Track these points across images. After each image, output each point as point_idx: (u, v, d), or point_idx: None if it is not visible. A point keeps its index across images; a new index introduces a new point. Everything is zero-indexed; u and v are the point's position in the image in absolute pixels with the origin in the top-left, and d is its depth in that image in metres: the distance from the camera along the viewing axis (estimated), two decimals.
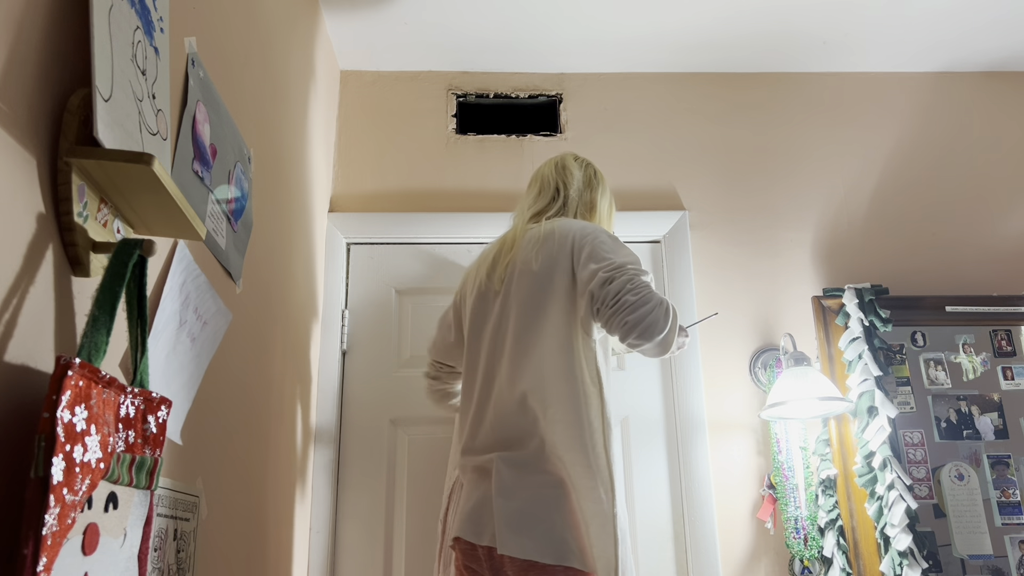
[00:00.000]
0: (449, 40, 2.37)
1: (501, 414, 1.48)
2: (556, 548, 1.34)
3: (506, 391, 1.49)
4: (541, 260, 1.56)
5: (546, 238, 1.58)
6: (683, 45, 2.42)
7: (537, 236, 1.61)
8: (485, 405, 1.52)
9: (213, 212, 1.28)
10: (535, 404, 1.44)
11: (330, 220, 2.31)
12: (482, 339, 1.60)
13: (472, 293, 1.67)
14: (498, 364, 1.54)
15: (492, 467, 1.44)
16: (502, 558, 1.38)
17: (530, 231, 1.64)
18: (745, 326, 2.28)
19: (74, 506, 0.70)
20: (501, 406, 1.49)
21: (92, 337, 0.79)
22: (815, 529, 2.04)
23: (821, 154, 2.48)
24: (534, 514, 1.37)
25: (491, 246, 1.72)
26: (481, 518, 1.43)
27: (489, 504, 1.42)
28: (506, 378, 1.50)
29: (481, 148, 2.45)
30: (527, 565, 1.34)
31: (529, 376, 1.47)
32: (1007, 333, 2.24)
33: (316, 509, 2.07)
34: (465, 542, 1.44)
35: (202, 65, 1.25)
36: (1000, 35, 2.40)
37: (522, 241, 1.62)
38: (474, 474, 1.50)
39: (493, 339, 1.57)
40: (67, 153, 0.83)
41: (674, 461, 2.17)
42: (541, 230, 1.61)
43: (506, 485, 1.40)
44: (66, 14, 0.86)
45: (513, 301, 1.56)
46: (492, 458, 1.45)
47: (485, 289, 1.64)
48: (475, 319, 1.64)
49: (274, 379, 1.71)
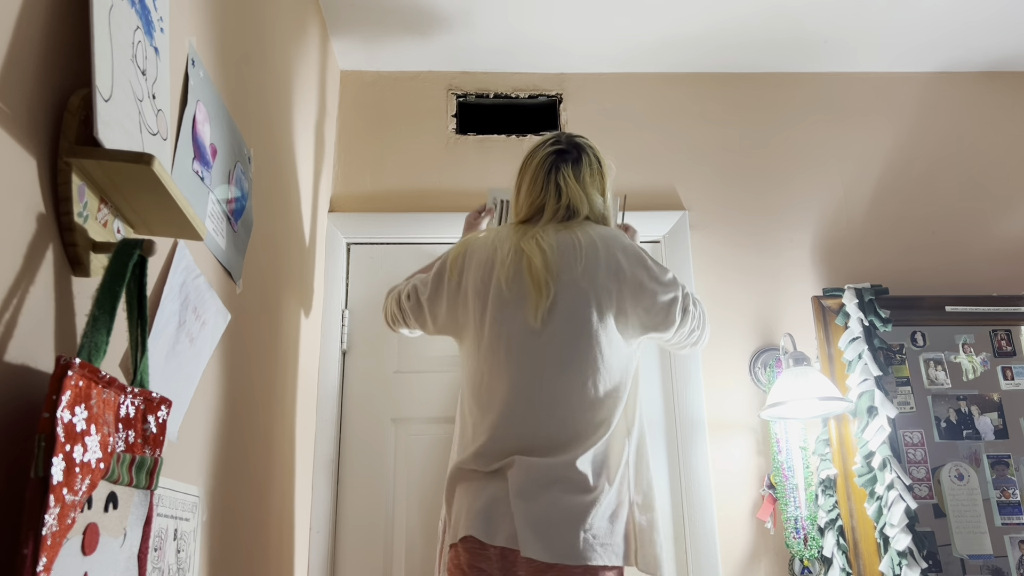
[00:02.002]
0: (449, 40, 2.37)
1: (535, 418, 1.48)
2: (582, 551, 1.37)
3: (543, 397, 1.48)
4: (587, 274, 1.53)
5: (589, 249, 1.55)
6: (683, 45, 2.42)
7: (575, 244, 1.55)
8: (514, 409, 1.49)
9: (213, 212, 1.28)
10: (580, 411, 1.48)
11: (330, 220, 2.31)
12: (511, 346, 1.52)
13: (491, 292, 1.56)
14: (537, 375, 1.50)
15: (511, 469, 1.44)
16: (516, 559, 1.38)
17: (560, 235, 1.57)
18: (745, 326, 2.28)
19: (74, 506, 0.70)
20: (535, 410, 1.48)
21: (92, 337, 0.79)
22: (815, 529, 2.04)
23: (821, 154, 2.48)
24: (557, 518, 1.39)
25: (507, 238, 1.61)
26: (492, 518, 1.43)
27: (502, 504, 1.42)
28: (545, 389, 1.49)
29: (481, 148, 2.45)
30: (545, 567, 1.36)
31: (577, 392, 1.49)
32: (1007, 333, 2.24)
33: (316, 509, 2.07)
34: (475, 541, 1.43)
35: (202, 65, 1.25)
36: (1000, 35, 2.40)
37: (555, 248, 1.55)
38: (486, 476, 1.48)
39: (531, 348, 1.51)
40: (67, 153, 0.83)
41: (674, 461, 2.17)
42: (578, 237, 1.56)
43: (526, 488, 1.42)
44: (66, 14, 0.86)
45: (558, 314, 1.52)
46: (513, 460, 1.45)
47: (517, 295, 1.54)
48: (499, 321, 1.54)
49: (274, 379, 1.71)
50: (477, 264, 1.61)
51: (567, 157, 1.64)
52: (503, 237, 1.61)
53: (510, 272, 1.54)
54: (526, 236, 1.57)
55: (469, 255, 1.64)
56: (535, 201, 1.63)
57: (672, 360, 2.24)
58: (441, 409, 2.18)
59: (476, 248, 1.64)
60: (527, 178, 1.66)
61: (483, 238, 1.66)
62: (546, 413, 1.48)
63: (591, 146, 1.67)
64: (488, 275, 1.58)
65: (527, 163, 1.68)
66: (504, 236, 1.61)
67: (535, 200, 1.63)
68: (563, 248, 1.55)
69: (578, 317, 1.51)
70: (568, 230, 1.58)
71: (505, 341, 1.52)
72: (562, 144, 1.66)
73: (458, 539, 1.47)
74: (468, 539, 1.44)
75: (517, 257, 1.55)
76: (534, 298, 1.51)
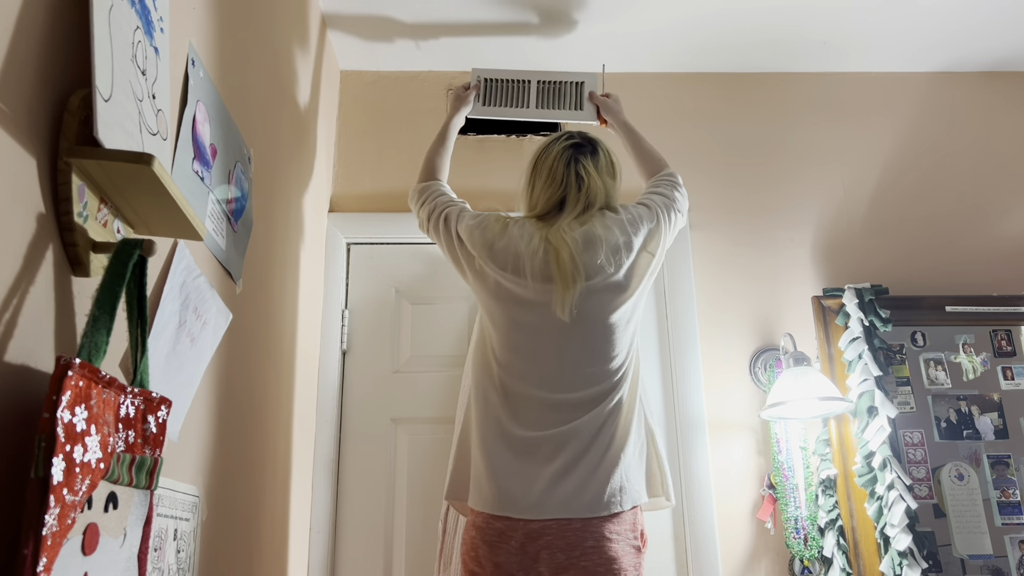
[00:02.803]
0: (449, 40, 2.37)
1: (559, 399, 1.55)
2: (607, 501, 1.48)
3: (568, 374, 1.56)
4: (608, 263, 1.59)
5: (608, 239, 1.61)
6: (683, 45, 2.42)
7: (595, 237, 1.59)
8: (539, 387, 1.56)
9: (213, 212, 1.28)
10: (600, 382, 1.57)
11: (330, 220, 2.31)
12: (540, 338, 1.58)
13: (516, 282, 1.58)
14: (561, 364, 1.57)
15: (546, 450, 1.51)
16: (543, 528, 1.45)
17: (583, 228, 1.60)
18: (745, 326, 2.28)
19: (74, 506, 0.70)
20: (561, 384, 1.56)
21: (92, 337, 0.79)
22: (815, 529, 2.04)
23: (821, 154, 2.48)
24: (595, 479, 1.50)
25: (534, 231, 1.61)
26: (529, 494, 1.48)
27: (541, 480, 1.48)
28: (569, 371, 1.57)
29: (481, 148, 2.45)
30: (569, 523, 1.46)
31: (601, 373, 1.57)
32: (1007, 333, 2.24)
33: (316, 509, 2.07)
34: (503, 519, 1.48)
35: (202, 65, 1.25)
36: (1000, 35, 2.40)
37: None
38: (513, 455, 1.53)
39: (558, 339, 1.57)
40: (67, 153, 0.83)
41: (674, 461, 2.17)
42: (597, 231, 1.61)
43: (567, 463, 1.50)
44: (66, 14, 0.86)
45: (583, 306, 1.57)
46: (546, 438, 1.52)
47: (544, 286, 1.57)
48: (522, 310, 1.59)
49: (274, 379, 1.71)
50: (501, 253, 1.60)
51: (584, 150, 1.67)
52: (528, 232, 1.60)
53: (536, 271, 1.55)
54: (552, 229, 1.59)
55: (488, 243, 1.62)
56: (554, 195, 1.65)
57: (672, 360, 2.24)
58: (441, 409, 2.18)
59: (494, 234, 1.63)
60: (544, 172, 1.67)
61: (499, 227, 1.64)
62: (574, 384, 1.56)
63: (603, 142, 1.72)
64: (516, 265, 1.57)
65: (542, 158, 1.70)
66: (528, 231, 1.61)
67: (554, 194, 1.65)
68: (587, 241, 1.57)
69: (601, 307, 1.57)
70: (588, 223, 1.60)
71: (531, 333, 1.58)
72: (577, 139, 1.70)
73: (487, 516, 1.54)
74: (495, 516, 1.53)
75: (545, 250, 1.56)
76: (560, 291, 1.53)
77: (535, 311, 1.56)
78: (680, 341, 2.25)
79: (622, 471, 1.51)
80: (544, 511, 1.46)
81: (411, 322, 2.29)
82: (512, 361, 1.58)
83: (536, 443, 1.52)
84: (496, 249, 1.59)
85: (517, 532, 1.46)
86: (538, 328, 1.56)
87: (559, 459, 1.49)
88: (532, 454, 1.51)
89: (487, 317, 1.65)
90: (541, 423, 1.53)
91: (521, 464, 1.51)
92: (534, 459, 1.51)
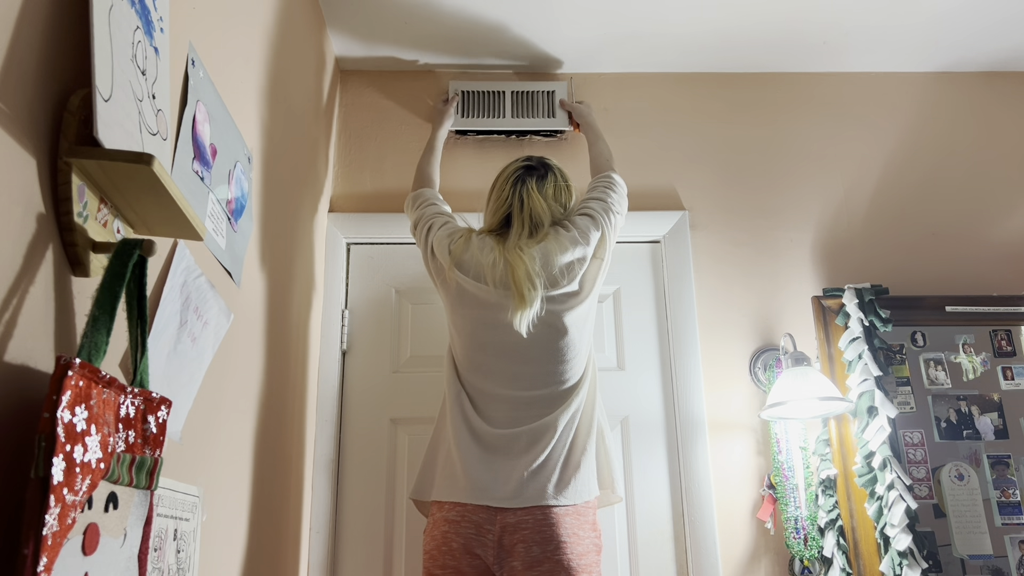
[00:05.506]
0: (449, 40, 2.37)
1: (527, 400, 1.66)
2: (578, 490, 1.59)
3: (535, 382, 1.68)
4: (560, 277, 1.69)
5: (558, 255, 1.72)
6: (684, 45, 2.42)
7: (547, 252, 1.71)
8: (509, 393, 1.67)
9: (213, 212, 1.28)
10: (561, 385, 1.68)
11: (330, 220, 2.31)
12: (498, 349, 1.69)
13: (479, 295, 1.70)
14: (528, 364, 1.68)
15: (522, 443, 1.61)
16: (519, 522, 1.54)
17: (537, 247, 1.72)
18: (745, 326, 2.28)
19: (74, 506, 0.70)
20: (527, 390, 1.67)
21: (92, 337, 0.79)
22: (815, 529, 2.04)
23: (821, 154, 2.48)
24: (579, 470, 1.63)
25: (491, 247, 1.73)
26: (507, 485, 1.57)
27: (517, 472, 1.58)
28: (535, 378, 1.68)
29: (481, 148, 2.45)
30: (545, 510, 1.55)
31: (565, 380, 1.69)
32: (1007, 333, 2.24)
33: (316, 509, 2.07)
34: (482, 508, 1.56)
35: (202, 65, 1.25)
36: (1000, 35, 2.40)
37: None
38: (488, 452, 1.62)
39: (516, 348, 1.68)
40: (67, 153, 0.83)
41: (674, 461, 2.17)
42: (549, 246, 1.72)
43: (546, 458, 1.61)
44: (66, 14, 0.86)
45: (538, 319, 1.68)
46: (519, 434, 1.62)
47: (502, 301, 1.68)
48: (485, 325, 1.70)
49: (274, 379, 1.71)
50: (466, 263, 1.72)
51: (534, 173, 1.79)
52: (488, 246, 1.72)
53: (497, 280, 1.66)
54: (508, 246, 1.70)
55: (455, 254, 1.75)
56: (499, 212, 1.77)
57: (672, 360, 2.24)
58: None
59: (459, 248, 1.76)
60: (496, 191, 1.81)
61: (463, 241, 1.76)
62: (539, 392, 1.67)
63: (559, 167, 1.83)
64: (478, 273, 1.69)
65: (498, 177, 1.84)
66: (488, 245, 1.73)
67: (499, 211, 1.77)
68: (544, 258, 1.68)
69: (560, 312, 1.68)
70: (544, 239, 1.71)
71: (498, 335, 1.68)
72: (531, 162, 1.82)
73: (460, 505, 1.62)
74: (471, 506, 1.61)
75: (505, 264, 1.67)
76: (518, 306, 1.64)
77: (500, 313, 1.66)
78: (680, 341, 2.25)
79: (587, 463, 1.63)
80: (522, 500, 1.55)
81: (411, 322, 2.29)
82: (481, 363, 1.69)
83: (510, 439, 1.62)
84: (462, 260, 1.72)
85: (495, 525, 1.55)
86: (504, 330, 1.66)
87: (533, 451, 1.60)
88: (507, 449, 1.61)
89: (454, 323, 1.75)
90: (513, 420, 1.64)
91: (497, 459, 1.61)
92: (510, 453, 1.61)
